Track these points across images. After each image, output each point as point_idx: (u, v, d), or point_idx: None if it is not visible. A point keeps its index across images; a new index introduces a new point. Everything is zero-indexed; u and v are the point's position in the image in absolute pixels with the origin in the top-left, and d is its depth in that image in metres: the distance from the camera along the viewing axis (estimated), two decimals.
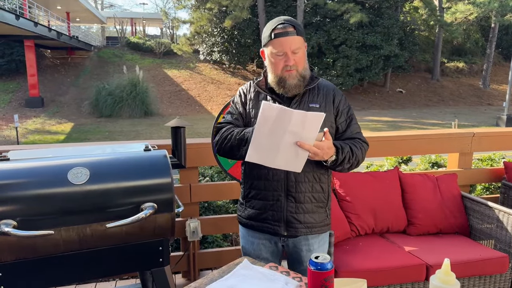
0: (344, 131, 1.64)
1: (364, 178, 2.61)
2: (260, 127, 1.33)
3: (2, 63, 23.03)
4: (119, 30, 32.57)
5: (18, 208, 1.61)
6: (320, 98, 1.61)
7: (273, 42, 1.53)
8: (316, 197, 1.62)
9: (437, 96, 27.35)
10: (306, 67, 1.59)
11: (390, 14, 25.21)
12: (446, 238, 2.49)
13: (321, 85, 1.65)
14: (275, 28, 1.52)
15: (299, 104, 1.58)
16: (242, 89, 1.72)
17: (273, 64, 1.56)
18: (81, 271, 1.78)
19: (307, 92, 1.61)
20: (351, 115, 1.67)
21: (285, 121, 1.31)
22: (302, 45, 1.55)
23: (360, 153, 1.60)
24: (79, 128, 18.70)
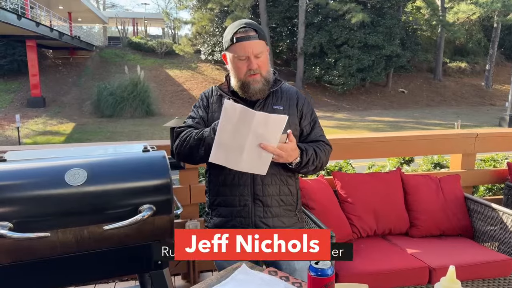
0: (308, 134, 1.64)
1: (366, 179, 2.58)
2: (223, 126, 1.32)
3: (4, 63, 23.07)
4: (121, 30, 32.61)
5: (15, 210, 1.58)
6: (283, 100, 1.61)
7: (235, 46, 1.51)
8: (284, 200, 1.60)
9: (439, 96, 27.29)
10: (269, 71, 1.58)
11: (392, 14, 25.16)
12: (449, 241, 2.45)
13: (284, 88, 1.65)
14: (236, 32, 1.50)
15: (263, 106, 1.57)
16: (204, 93, 1.71)
17: (235, 68, 1.55)
18: (79, 273, 1.75)
19: (270, 94, 1.60)
20: (314, 117, 1.67)
21: (247, 122, 1.30)
22: (265, 48, 1.54)
23: (324, 155, 1.60)
24: (80, 128, 18.71)
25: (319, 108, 24.04)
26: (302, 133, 1.63)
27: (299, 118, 1.62)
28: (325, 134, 1.72)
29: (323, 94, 25.50)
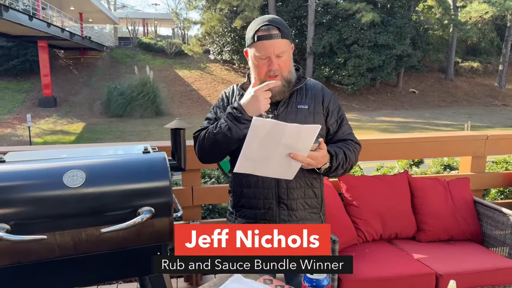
0: (336, 132, 1.56)
1: (372, 182, 2.53)
2: (250, 141, 1.25)
3: (17, 63, 23.41)
4: (131, 31, 32.83)
5: (12, 211, 1.57)
6: (308, 98, 1.53)
7: (256, 45, 1.45)
8: (309, 203, 1.55)
9: (450, 97, 26.93)
10: (291, 71, 1.51)
11: (402, 14, 24.90)
12: (458, 246, 2.38)
13: (309, 85, 1.57)
14: (258, 30, 1.44)
15: (287, 106, 1.51)
16: (225, 92, 1.65)
17: (256, 67, 1.48)
18: (77, 276, 1.74)
19: (294, 93, 1.53)
20: (341, 115, 1.59)
21: (278, 135, 1.24)
22: (288, 48, 1.47)
23: (353, 156, 1.53)
24: (90, 127, 18.88)
25: None
26: (328, 132, 1.56)
27: (325, 116, 1.54)
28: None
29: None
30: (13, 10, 15.52)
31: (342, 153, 1.47)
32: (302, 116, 1.49)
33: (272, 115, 1.48)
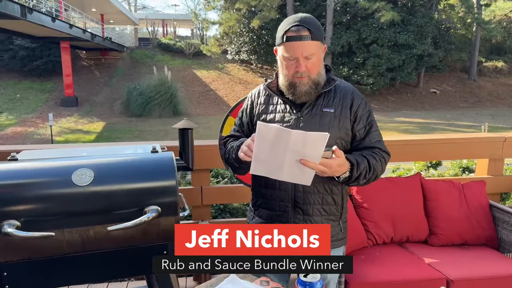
0: (362, 139, 1.49)
1: (383, 184, 2.48)
2: (258, 146, 1.24)
3: (40, 64, 24.04)
4: (151, 32, 33.27)
5: (22, 208, 1.61)
6: (336, 102, 1.47)
7: (285, 45, 1.41)
8: (327, 210, 1.48)
9: (473, 97, 26.27)
10: (320, 73, 1.46)
11: (423, 12, 24.43)
12: (471, 251, 2.32)
13: (338, 88, 1.50)
14: (288, 30, 1.39)
15: (312, 108, 1.46)
16: (252, 93, 1.62)
17: (284, 67, 1.45)
18: (85, 273, 1.77)
19: (321, 95, 1.47)
20: (371, 121, 1.51)
21: (284, 141, 1.22)
22: (318, 50, 1.41)
23: (379, 165, 1.45)
24: (110, 127, 19.23)
25: None
26: (355, 138, 1.49)
27: (352, 121, 1.47)
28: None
29: None
30: (37, 12, 15.96)
31: (366, 162, 1.40)
32: (327, 120, 1.44)
33: (296, 117, 1.45)
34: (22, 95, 22.77)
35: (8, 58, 23.89)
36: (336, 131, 1.43)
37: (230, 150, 1.53)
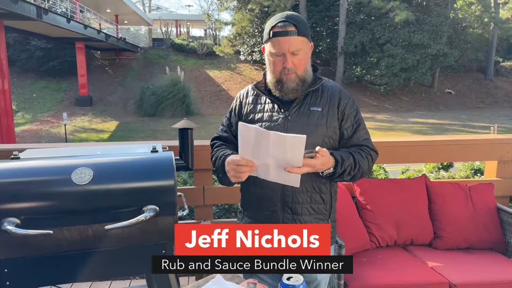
0: (350, 137, 1.50)
1: (387, 186, 2.44)
2: (242, 147, 1.25)
3: (56, 64, 24.48)
4: (164, 32, 33.55)
5: (22, 206, 1.63)
6: (323, 100, 1.48)
7: (271, 41, 1.42)
8: (316, 209, 1.48)
9: (490, 98, 25.78)
10: (307, 69, 1.47)
11: (439, 11, 24.09)
12: (477, 255, 2.26)
13: (325, 87, 1.51)
14: (274, 26, 1.41)
15: (300, 107, 1.47)
16: (241, 93, 1.63)
17: (271, 64, 1.45)
18: (84, 271, 1.78)
19: (309, 94, 1.48)
20: (358, 119, 1.52)
21: (264, 143, 1.22)
22: (304, 46, 1.43)
23: (366, 162, 1.46)
24: (123, 126, 19.47)
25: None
26: (343, 136, 1.50)
27: (340, 120, 1.48)
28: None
29: (364, 94, 24.86)
30: (52, 13, 16.25)
31: (351, 159, 1.41)
32: (314, 118, 1.45)
33: (283, 116, 1.46)
34: (38, 95, 23.23)
35: (25, 58, 24.40)
36: (324, 130, 1.45)
37: (216, 161, 1.53)
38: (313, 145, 1.38)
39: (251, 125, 1.25)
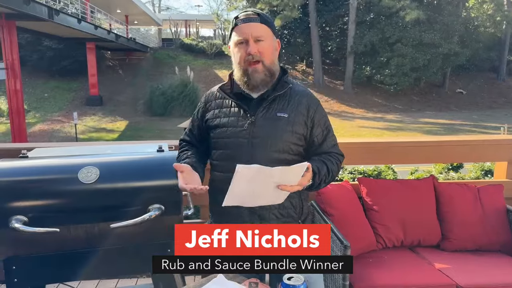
0: (320, 144, 1.48)
1: (394, 187, 2.42)
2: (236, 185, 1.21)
3: (67, 64, 24.75)
4: (174, 32, 33.72)
5: (30, 204, 1.65)
6: (290, 106, 1.44)
7: (234, 30, 1.42)
8: (284, 213, 1.45)
9: (502, 98, 25.40)
10: (274, 62, 1.45)
11: (450, 10, 23.82)
12: (486, 257, 2.23)
13: (293, 91, 1.47)
14: (238, 17, 1.43)
15: (266, 112, 1.43)
16: (206, 95, 1.60)
17: (236, 55, 1.43)
18: (90, 268, 1.79)
19: (276, 98, 1.44)
20: (328, 126, 1.51)
21: (263, 176, 1.21)
22: (269, 35, 1.42)
23: (336, 169, 1.47)
24: (133, 126, 19.61)
25: (368, 109, 23.31)
26: (313, 143, 1.47)
27: (310, 127, 1.45)
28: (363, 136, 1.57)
29: (373, 94, 24.70)
30: (63, 13, 16.45)
31: (325, 169, 1.41)
32: (280, 125, 1.42)
33: (249, 122, 1.42)
34: (49, 94, 23.53)
35: (37, 58, 24.72)
36: (289, 136, 1.42)
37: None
38: (279, 151, 1.40)
39: (252, 166, 1.18)
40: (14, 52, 15.26)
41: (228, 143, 1.44)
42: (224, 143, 1.46)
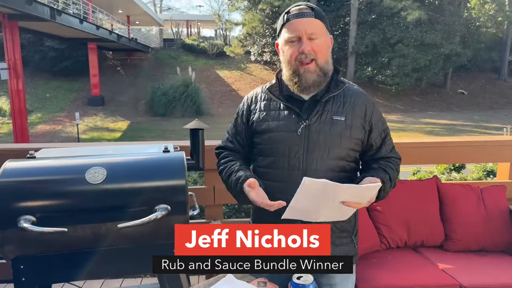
0: (379, 149, 1.37)
1: (397, 187, 2.39)
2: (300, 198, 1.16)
3: (69, 64, 24.80)
4: (175, 32, 33.75)
5: (38, 204, 1.67)
6: (346, 109, 1.31)
7: (286, 26, 1.29)
8: (339, 226, 1.34)
9: (503, 98, 25.38)
10: (328, 61, 1.32)
11: (452, 11, 23.80)
12: (489, 257, 2.24)
13: (348, 92, 1.35)
14: (289, 11, 1.29)
15: (320, 115, 1.30)
16: (248, 97, 1.47)
17: (286, 53, 1.30)
18: (97, 268, 1.81)
19: (330, 100, 1.31)
20: (385, 128, 1.39)
21: (329, 192, 1.15)
22: (323, 32, 1.29)
23: (396, 175, 1.38)
24: (134, 126, 19.64)
25: None
26: (371, 148, 1.36)
27: (367, 131, 1.34)
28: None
29: (375, 94, 24.68)
30: (65, 14, 16.49)
31: (388, 177, 1.31)
32: (338, 129, 1.30)
33: (304, 126, 1.30)
34: (51, 95, 23.58)
35: (39, 59, 24.78)
36: (348, 141, 1.31)
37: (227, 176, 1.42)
38: (337, 159, 1.29)
39: (319, 180, 1.12)
40: (17, 52, 15.30)
41: (280, 150, 1.32)
42: (275, 150, 1.33)
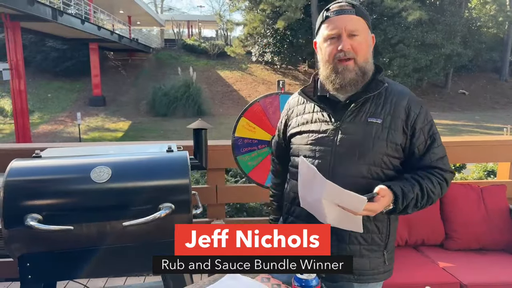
0: (422, 156, 1.23)
1: None
2: (301, 182, 1.16)
3: (70, 64, 24.85)
4: (176, 33, 33.81)
5: (44, 203, 1.70)
6: (385, 110, 1.22)
7: (325, 23, 1.23)
8: (368, 239, 1.24)
9: (505, 98, 25.35)
10: (368, 60, 1.25)
11: (452, 11, 23.79)
12: (489, 256, 2.27)
13: (389, 93, 1.25)
14: (329, 8, 1.24)
15: (355, 116, 1.22)
16: (288, 103, 1.43)
17: (325, 51, 1.24)
18: (102, 266, 1.84)
19: (368, 100, 1.23)
20: (433, 134, 1.24)
21: (319, 186, 1.12)
22: (364, 29, 1.23)
23: (437, 190, 1.22)
24: (136, 126, 19.69)
25: None
26: (413, 155, 1.23)
27: (409, 135, 1.22)
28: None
29: None
30: (67, 14, 16.54)
31: (417, 189, 1.18)
32: (372, 132, 1.21)
33: (333, 128, 1.24)
34: (53, 95, 23.64)
35: (41, 59, 24.84)
36: (383, 146, 1.20)
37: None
38: (368, 164, 1.20)
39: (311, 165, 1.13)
40: (19, 52, 15.36)
41: (308, 151, 1.27)
42: (303, 151, 1.29)
